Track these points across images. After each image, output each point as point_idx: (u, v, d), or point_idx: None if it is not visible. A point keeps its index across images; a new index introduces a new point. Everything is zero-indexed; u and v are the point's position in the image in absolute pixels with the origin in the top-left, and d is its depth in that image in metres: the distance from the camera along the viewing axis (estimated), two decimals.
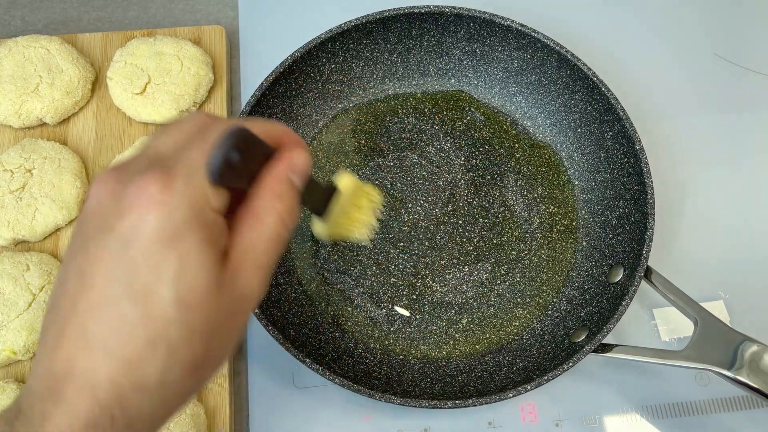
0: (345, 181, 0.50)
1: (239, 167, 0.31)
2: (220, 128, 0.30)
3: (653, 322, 0.59)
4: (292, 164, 0.33)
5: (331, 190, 0.48)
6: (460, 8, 0.59)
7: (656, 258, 0.54)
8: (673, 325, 0.58)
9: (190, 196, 0.29)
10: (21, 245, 0.59)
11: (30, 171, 0.59)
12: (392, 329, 0.57)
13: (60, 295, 0.29)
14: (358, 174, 0.62)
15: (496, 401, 0.49)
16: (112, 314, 0.28)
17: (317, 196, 0.48)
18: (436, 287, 0.59)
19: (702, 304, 0.50)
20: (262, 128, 0.34)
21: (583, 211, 0.61)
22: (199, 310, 0.28)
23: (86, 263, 0.29)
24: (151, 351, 0.28)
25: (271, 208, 0.32)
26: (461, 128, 0.64)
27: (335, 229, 0.54)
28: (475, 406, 0.49)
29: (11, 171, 0.59)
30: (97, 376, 0.27)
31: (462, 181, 0.62)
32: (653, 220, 0.53)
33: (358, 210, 0.53)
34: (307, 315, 0.57)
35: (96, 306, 0.28)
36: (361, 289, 0.58)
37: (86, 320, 0.28)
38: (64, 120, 0.64)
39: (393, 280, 0.59)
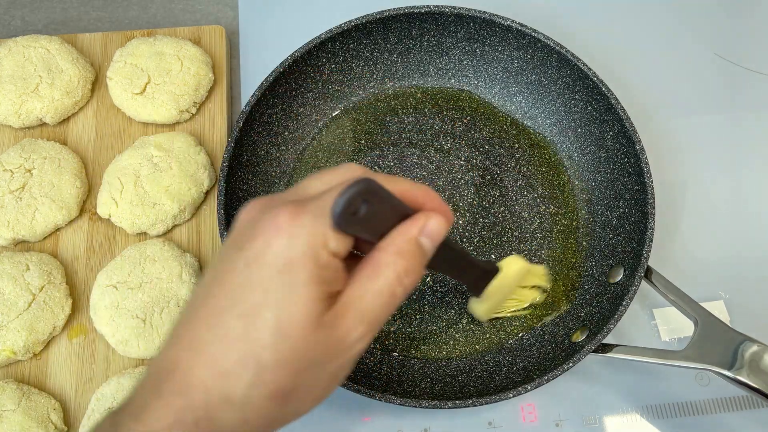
0: (511, 265, 0.50)
1: (364, 218, 0.31)
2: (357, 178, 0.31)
3: (653, 322, 0.59)
4: (424, 227, 0.33)
5: (491, 272, 0.49)
6: (460, 8, 0.59)
7: (656, 258, 0.54)
8: (673, 325, 0.58)
9: (312, 233, 0.30)
10: (21, 245, 0.59)
11: (30, 171, 0.59)
12: (392, 329, 0.57)
13: (192, 300, 0.32)
14: None
15: (496, 401, 0.49)
16: (220, 325, 0.30)
17: (472, 275, 0.48)
18: (436, 287, 0.59)
19: (702, 304, 0.50)
20: (404, 188, 0.34)
21: (583, 211, 0.61)
22: (292, 340, 0.29)
23: (215, 276, 0.31)
24: (242, 367, 0.29)
25: (390, 263, 0.32)
26: (461, 128, 0.64)
27: (490, 307, 0.54)
28: (475, 406, 0.49)
29: (11, 171, 0.59)
30: (194, 378, 0.29)
31: (462, 181, 0.62)
32: (653, 220, 0.53)
33: (519, 291, 0.54)
34: None
35: (210, 314, 0.30)
36: None
37: (199, 326, 0.30)
38: (64, 120, 0.64)
39: None
